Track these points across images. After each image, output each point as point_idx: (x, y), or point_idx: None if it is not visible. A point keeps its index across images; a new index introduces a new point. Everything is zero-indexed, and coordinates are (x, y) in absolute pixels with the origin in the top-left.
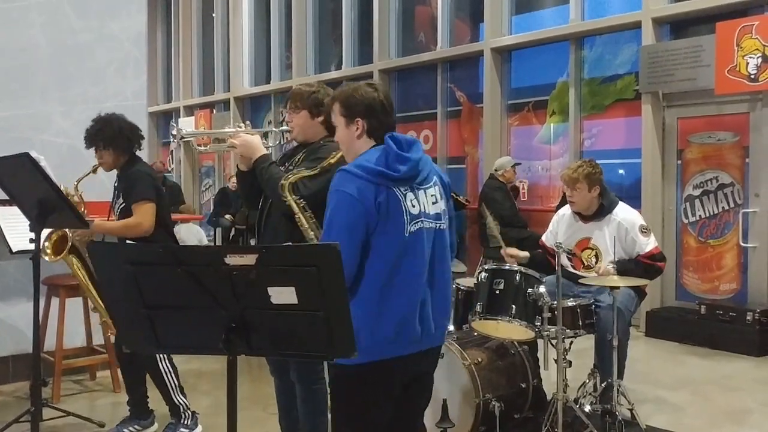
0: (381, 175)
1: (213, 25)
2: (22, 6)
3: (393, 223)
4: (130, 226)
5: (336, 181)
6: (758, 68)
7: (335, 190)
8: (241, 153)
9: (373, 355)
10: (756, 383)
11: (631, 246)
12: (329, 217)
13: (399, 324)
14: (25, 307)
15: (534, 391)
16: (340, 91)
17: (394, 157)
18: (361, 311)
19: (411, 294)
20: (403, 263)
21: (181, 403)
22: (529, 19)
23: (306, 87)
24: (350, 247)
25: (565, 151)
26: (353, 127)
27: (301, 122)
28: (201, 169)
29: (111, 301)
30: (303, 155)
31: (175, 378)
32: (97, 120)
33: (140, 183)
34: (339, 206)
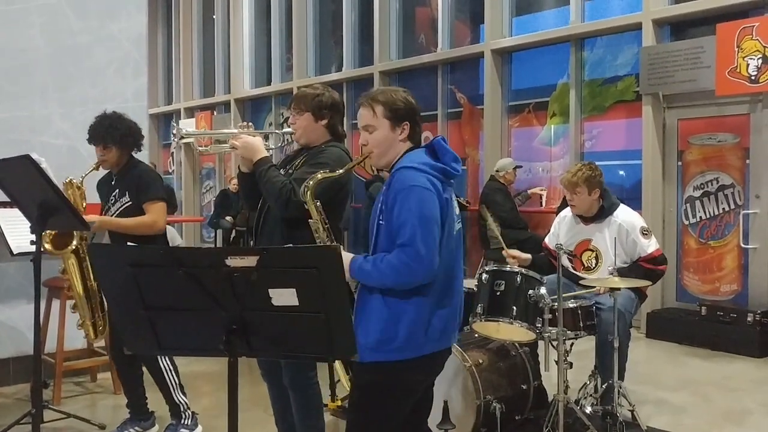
0: (444, 172)
1: (213, 26)
2: (22, 7)
3: (450, 219)
4: (146, 223)
5: (405, 177)
6: (759, 69)
7: (412, 186)
8: (242, 155)
9: (424, 349)
10: (756, 384)
11: (632, 248)
12: (415, 212)
13: (448, 319)
14: (26, 309)
15: (535, 392)
16: (383, 95)
17: (452, 157)
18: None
19: (458, 289)
20: (457, 259)
21: (182, 402)
22: (530, 21)
23: (310, 90)
24: (436, 239)
25: (565, 152)
26: (398, 129)
27: (304, 125)
28: (202, 171)
29: (112, 303)
30: (304, 158)
31: (175, 376)
32: (104, 117)
33: (154, 182)
34: (422, 200)
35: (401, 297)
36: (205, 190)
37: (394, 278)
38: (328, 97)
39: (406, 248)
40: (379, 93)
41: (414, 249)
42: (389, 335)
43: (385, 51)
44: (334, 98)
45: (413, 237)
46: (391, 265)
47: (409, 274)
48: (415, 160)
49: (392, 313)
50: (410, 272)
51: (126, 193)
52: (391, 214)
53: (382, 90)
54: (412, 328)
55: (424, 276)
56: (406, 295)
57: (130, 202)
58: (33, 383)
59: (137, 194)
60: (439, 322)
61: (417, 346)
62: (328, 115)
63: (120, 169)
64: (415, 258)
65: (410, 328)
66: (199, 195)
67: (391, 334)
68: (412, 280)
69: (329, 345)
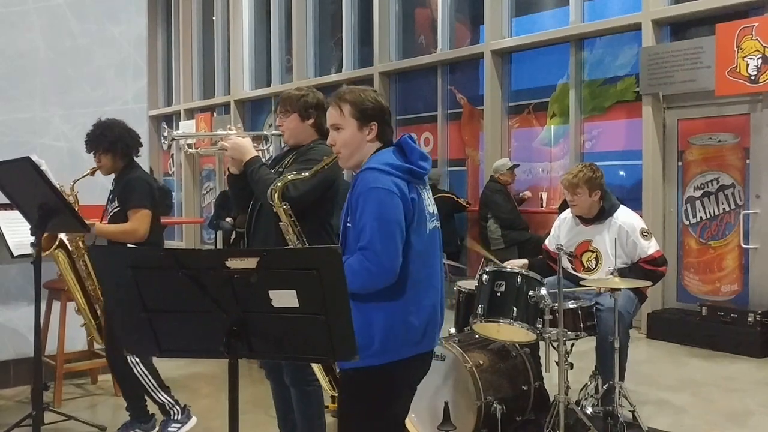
0: (410, 172)
1: (213, 28)
2: (22, 10)
3: (420, 219)
4: (126, 231)
5: (368, 179)
6: (758, 69)
7: (372, 188)
8: (232, 156)
9: (403, 352)
10: (757, 384)
11: (632, 249)
12: (375, 215)
13: (427, 321)
14: (27, 311)
15: (536, 393)
16: (351, 94)
17: (419, 155)
18: (393, 308)
19: (434, 291)
20: (429, 260)
21: (165, 400)
22: (530, 21)
23: (295, 91)
24: (398, 242)
25: (565, 153)
26: (366, 130)
27: (291, 126)
28: (202, 173)
29: (112, 305)
30: (293, 157)
31: (151, 379)
32: (98, 125)
33: (138, 190)
34: (382, 202)
35: (372, 301)
36: (205, 191)
37: (355, 282)
38: (313, 97)
39: (365, 251)
40: (347, 92)
41: (373, 252)
42: (365, 341)
43: (385, 52)
44: (319, 98)
45: (372, 240)
46: (351, 269)
47: (369, 277)
48: (380, 161)
49: (365, 318)
50: (370, 276)
51: (116, 200)
52: (354, 217)
53: (351, 89)
54: (387, 332)
55: (385, 279)
56: (376, 298)
57: (118, 208)
58: (33, 385)
59: (123, 201)
60: (418, 323)
61: (395, 349)
62: (315, 114)
63: (117, 175)
64: (374, 261)
65: (385, 333)
66: (199, 196)
67: (366, 340)
68: (373, 284)
69: (330, 347)
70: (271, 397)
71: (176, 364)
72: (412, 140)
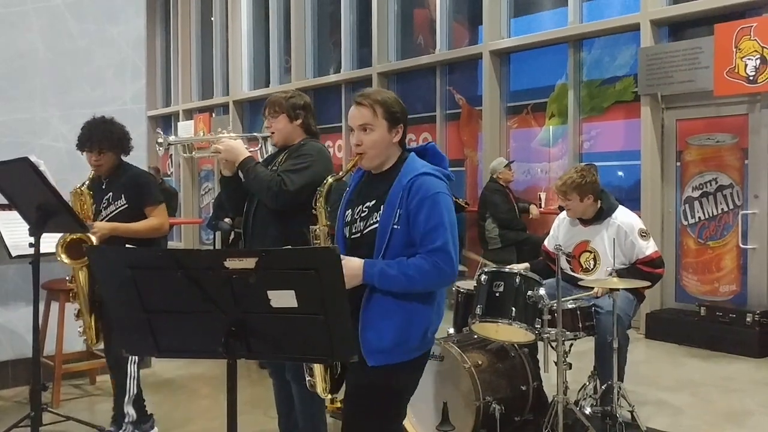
0: (449, 179)
1: (212, 28)
2: (21, 11)
3: None
4: (155, 227)
5: (430, 184)
6: (757, 70)
7: (438, 193)
8: (226, 158)
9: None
10: (756, 385)
11: (630, 250)
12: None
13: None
14: (25, 312)
15: (534, 393)
16: (382, 96)
17: (448, 162)
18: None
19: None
20: None
21: (129, 413)
22: (528, 22)
23: (282, 93)
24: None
25: (564, 153)
26: (394, 132)
27: (280, 126)
28: (200, 173)
29: (111, 305)
30: (285, 155)
31: (135, 386)
32: (96, 122)
33: (151, 186)
34: (449, 208)
35: (417, 300)
36: (203, 192)
37: (425, 282)
38: (299, 99)
39: (438, 253)
40: (376, 93)
41: (447, 254)
42: (404, 337)
43: (384, 52)
44: (306, 100)
45: (446, 242)
46: (422, 270)
47: (441, 277)
48: (426, 167)
49: (406, 316)
50: (442, 276)
51: (122, 196)
52: (416, 220)
53: (378, 90)
54: (424, 330)
55: (452, 280)
56: (421, 298)
57: (126, 205)
58: (32, 386)
59: (138, 198)
60: (438, 321)
61: (425, 345)
62: (302, 114)
63: (112, 173)
64: (448, 262)
65: (423, 330)
66: (198, 197)
67: (405, 336)
68: (442, 284)
69: (329, 347)
70: (270, 397)
71: (175, 365)
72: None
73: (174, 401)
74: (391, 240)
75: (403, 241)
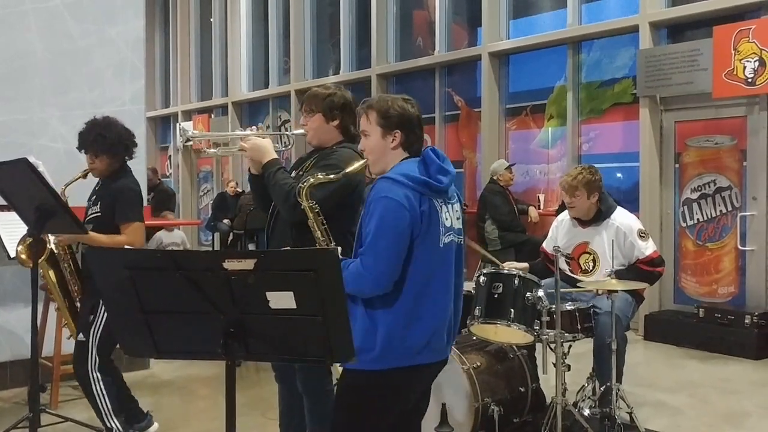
0: (425, 185)
1: (211, 29)
2: (20, 11)
3: (432, 233)
4: (119, 243)
5: (381, 188)
6: (755, 72)
7: (382, 197)
8: (251, 157)
9: (403, 360)
10: (754, 386)
11: (629, 251)
12: (377, 224)
13: (431, 333)
14: (23, 313)
15: (533, 395)
16: (377, 101)
17: (437, 169)
18: (394, 317)
19: (443, 304)
20: (436, 273)
21: (114, 426)
22: (527, 24)
23: (322, 90)
24: (398, 254)
25: (563, 155)
26: (390, 137)
27: (315, 126)
28: (199, 174)
29: (109, 306)
30: (314, 161)
31: (107, 401)
32: (95, 124)
33: (129, 202)
34: (387, 212)
35: (379, 307)
36: (202, 193)
37: (350, 284)
38: (339, 97)
39: (362, 257)
40: (375, 99)
41: (366, 258)
42: (368, 345)
43: (383, 54)
44: (346, 98)
45: (370, 247)
46: (349, 272)
47: (358, 282)
48: (399, 171)
49: (372, 323)
50: (359, 281)
51: (99, 203)
52: (363, 223)
53: (380, 97)
54: (387, 340)
55: (373, 287)
56: (383, 305)
57: (99, 213)
58: (30, 387)
59: (112, 212)
60: (420, 335)
61: (394, 358)
62: (339, 116)
63: (107, 177)
64: (368, 268)
65: (386, 340)
66: (197, 198)
67: (369, 344)
68: (360, 289)
69: (327, 348)
70: (268, 399)
71: (174, 366)
72: (436, 153)
73: (173, 402)
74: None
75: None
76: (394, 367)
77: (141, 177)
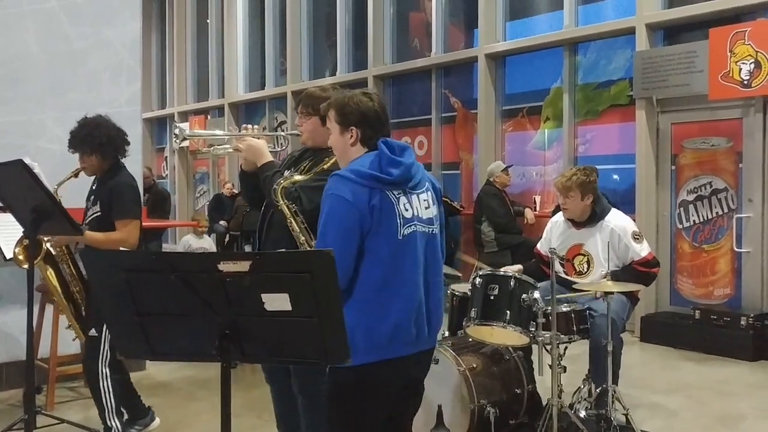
0: (374, 178)
1: (207, 30)
2: (16, 13)
3: (386, 226)
4: (115, 241)
5: (330, 185)
6: (751, 74)
7: (329, 194)
8: (246, 157)
9: (369, 356)
10: (750, 388)
11: (624, 252)
12: (324, 221)
13: (395, 326)
14: (19, 314)
15: (529, 396)
16: (336, 98)
17: (387, 162)
18: (357, 313)
19: (407, 297)
20: (398, 266)
21: (114, 426)
22: (524, 25)
23: (319, 91)
24: (346, 250)
25: (559, 156)
26: (347, 134)
27: (310, 128)
28: (195, 176)
29: (104, 308)
30: (310, 163)
31: (112, 399)
32: (84, 123)
33: (126, 198)
34: (333, 210)
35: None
36: (198, 194)
37: None
38: None
39: None
40: (334, 97)
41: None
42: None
43: (379, 55)
44: None
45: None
46: None
47: None
48: (350, 167)
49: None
50: None
51: (98, 203)
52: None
53: (341, 93)
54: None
55: None
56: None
57: (99, 213)
58: (26, 388)
59: (110, 208)
60: (385, 328)
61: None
62: None
63: (102, 176)
64: None
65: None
66: (193, 199)
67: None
68: None
69: (322, 350)
70: (264, 400)
71: (170, 368)
72: (388, 144)
73: (169, 404)
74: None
75: None
76: (364, 363)
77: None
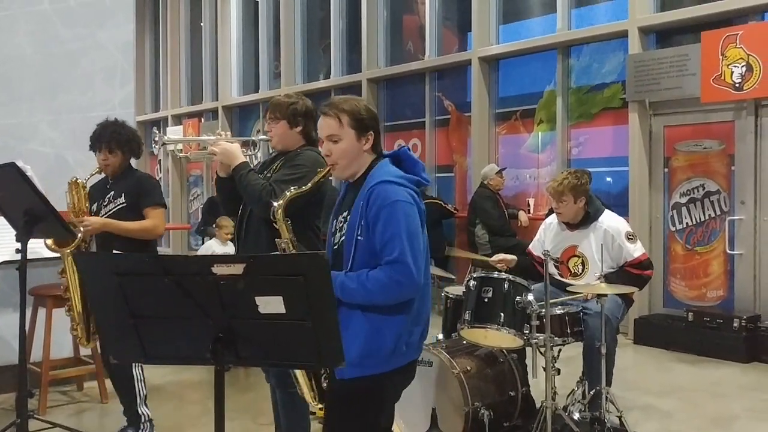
0: (418, 183)
1: (201, 33)
2: (9, 15)
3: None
4: (147, 228)
5: (388, 192)
6: (743, 77)
7: (395, 201)
8: (221, 160)
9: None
10: (743, 389)
11: (618, 253)
12: (404, 227)
13: (423, 329)
14: (12, 318)
15: (523, 399)
16: (348, 104)
17: (422, 167)
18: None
19: (430, 301)
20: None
21: (144, 413)
22: (517, 29)
23: (285, 98)
24: (425, 254)
25: (552, 159)
26: (363, 140)
27: (279, 132)
28: (189, 179)
29: (97, 311)
30: (281, 163)
31: (144, 387)
32: (108, 123)
33: (155, 188)
34: (408, 216)
35: (384, 312)
36: (192, 197)
37: (383, 295)
38: (302, 105)
39: (395, 265)
40: (343, 102)
41: (404, 265)
42: (372, 349)
43: (373, 58)
44: (308, 106)
45: (403, 253)
46: (379, 283)
47: (399, 290)
48: (390, 173)
49: (373, 327)
50: (400, 288)
51: (123, 195)
52: (374, 231)
53: (345, 99)
54: (396, 341)
55: (413, 292)
56: (390, 309)
57: (124, 204)
58: (18, 393)
59: (138, 198)
60: (417, 332)
61: (399, 357)
62: (303, 122)
63: (118, 174)
64: (406, 274)
65: (394, 341)
66: (187, 202)
67: (374, 349)
68: (402, 296)
69: (317, 353)
70: (258, 404)
71: (163, 371)
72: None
73: (163, 408)
74: (356, 251)
75: (367, 252)
76: (396, 368)
77: None
